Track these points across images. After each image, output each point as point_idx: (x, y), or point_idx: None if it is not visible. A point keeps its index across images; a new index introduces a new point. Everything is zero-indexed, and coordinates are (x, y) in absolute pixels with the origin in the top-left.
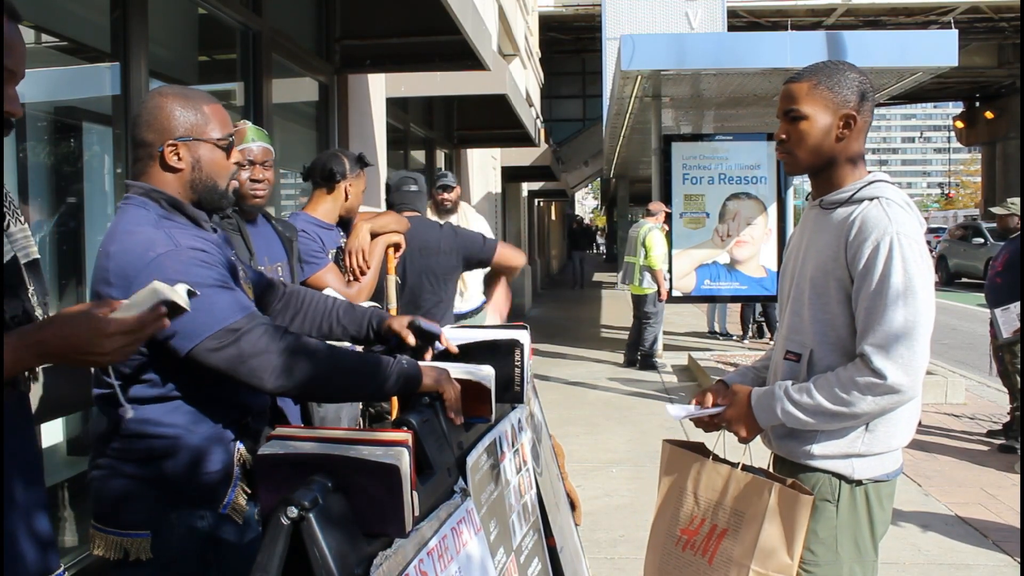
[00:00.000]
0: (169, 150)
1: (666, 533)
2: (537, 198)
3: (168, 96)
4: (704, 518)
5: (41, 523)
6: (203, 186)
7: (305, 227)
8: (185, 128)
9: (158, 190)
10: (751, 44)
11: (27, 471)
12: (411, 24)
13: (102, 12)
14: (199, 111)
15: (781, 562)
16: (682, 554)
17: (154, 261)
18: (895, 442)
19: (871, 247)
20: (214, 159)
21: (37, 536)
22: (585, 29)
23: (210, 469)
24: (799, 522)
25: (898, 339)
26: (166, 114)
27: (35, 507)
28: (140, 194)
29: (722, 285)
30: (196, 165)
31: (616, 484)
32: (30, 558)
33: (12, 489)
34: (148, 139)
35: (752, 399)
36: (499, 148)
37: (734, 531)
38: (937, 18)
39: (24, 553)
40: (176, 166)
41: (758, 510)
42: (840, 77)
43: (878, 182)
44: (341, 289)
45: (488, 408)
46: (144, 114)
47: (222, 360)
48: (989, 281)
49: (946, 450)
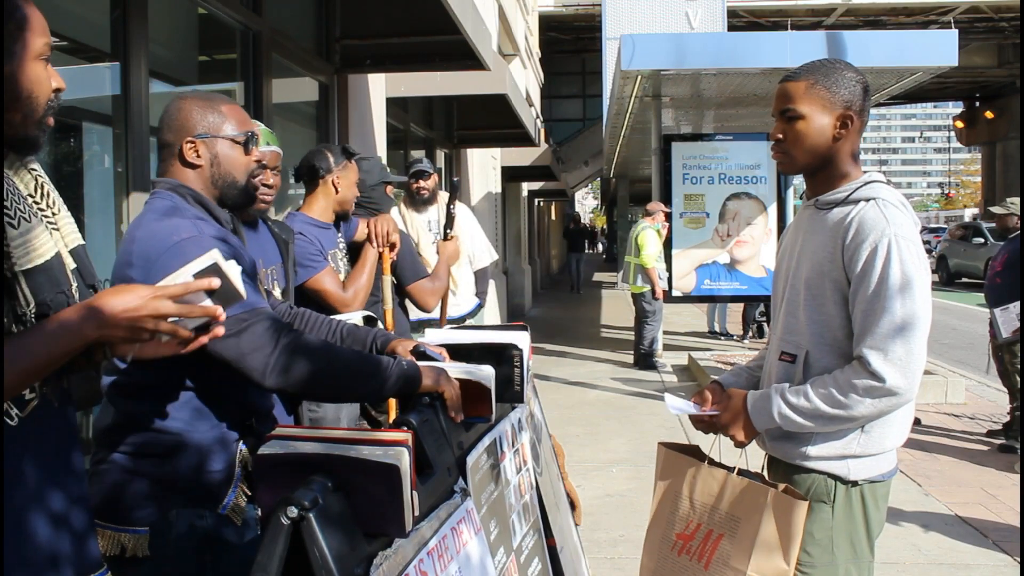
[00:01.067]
0: (188, 147)
1: (661, 537)
2: (537, 198)
3: (187, 99)
4: (700, 522)
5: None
6: (223, 181)
7: (303, 229)
8: (203, 126)
9: (184, 185)
10: (751, 44)
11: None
12: (411, 24)
13: (102, 12)
14: (216, 110)
15: (777, 567)
16: (677, 558)
17: (176, 245)
18: (890, 443)
19: (869, 249)
20: (232, 155)
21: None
22: (585, 29)
23: (212, 469)
24: (795, 527)
25: (896, 342)
26: (185, 114)
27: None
28: (167, 189)
29: (722, 285)
30: (214, 160)
31: (616, 484)
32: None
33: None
34: (169, 139)
35: (748, 402)
36: (499, 148)
37: (730, 535)
38: (937, 18)
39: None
40: (195, 162)
41: (754, 515)
42: (837, 76)
43: (874, 183)
44: (337, 292)
45: (488, 408)
46: (165, 117)
47: (225, 347)
48: (989, 281)
49: (946, 450)
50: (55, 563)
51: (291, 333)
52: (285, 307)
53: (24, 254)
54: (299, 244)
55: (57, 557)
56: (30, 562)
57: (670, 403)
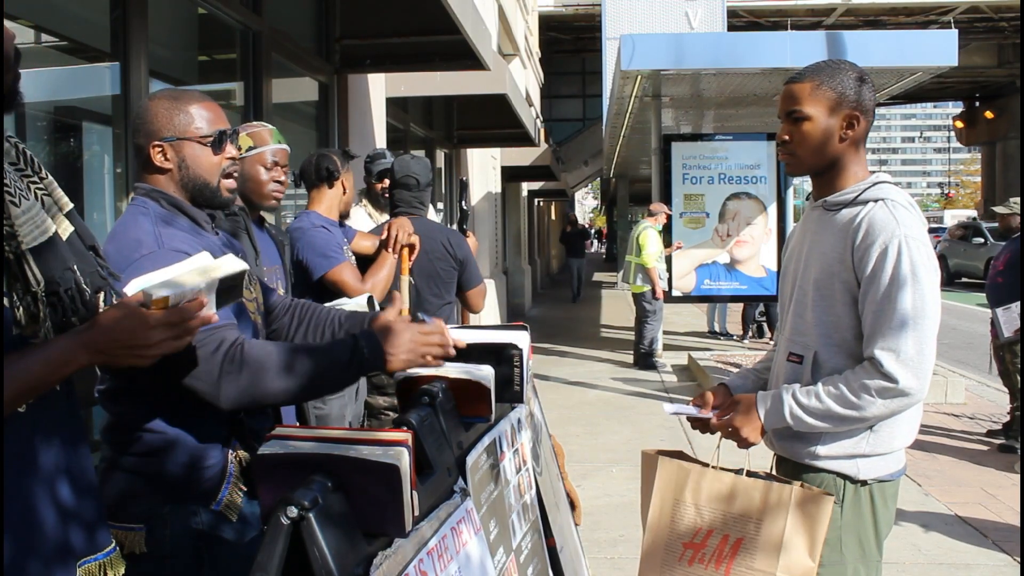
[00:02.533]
0: (155, 151)
1: (665, 548)
2: (537, 198)
3: (156, 99)
4: (711, 529)
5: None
6: (193, 184)
7: (323, 223)
8: (169, 129)
9: (158, 190)
10: (751, 44)
11: (82, 480)
12: (411, 24)
13: (102, 12)
14: (183, 111)
15: (805, 565)
16: (689, 568)
17: (136, 262)
18: (899, 442)
19: (879, 250)
20: (199, 156)
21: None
22: (585, 29)
23: (204, 465)
24: (821, 524)
25: (908, 342)
26: (151, 116)
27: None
28: (143, 195)
29: (722, 285)
30: (182, 164)
31: (616, 484)
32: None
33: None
34: (139, 143)
35: (758, 403)
36: (499, 148)
37: (751, 539)
38: (937, 18)
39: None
40: (163, 166)
41: (779, 514)
42: (842, 77)
43: (882, 183)
44: (356, 284)
45: (488, 407)
46: (135, 119)
47: (177, 374)
48: (990, 281)
49: (946, 450)
50: (65, 549)
51: (237, 353)
52: (287, 301)
53: (29, 232)
54: (322, 236)
55: (67, 542)
56: (38, 546)
57: (668, 408)
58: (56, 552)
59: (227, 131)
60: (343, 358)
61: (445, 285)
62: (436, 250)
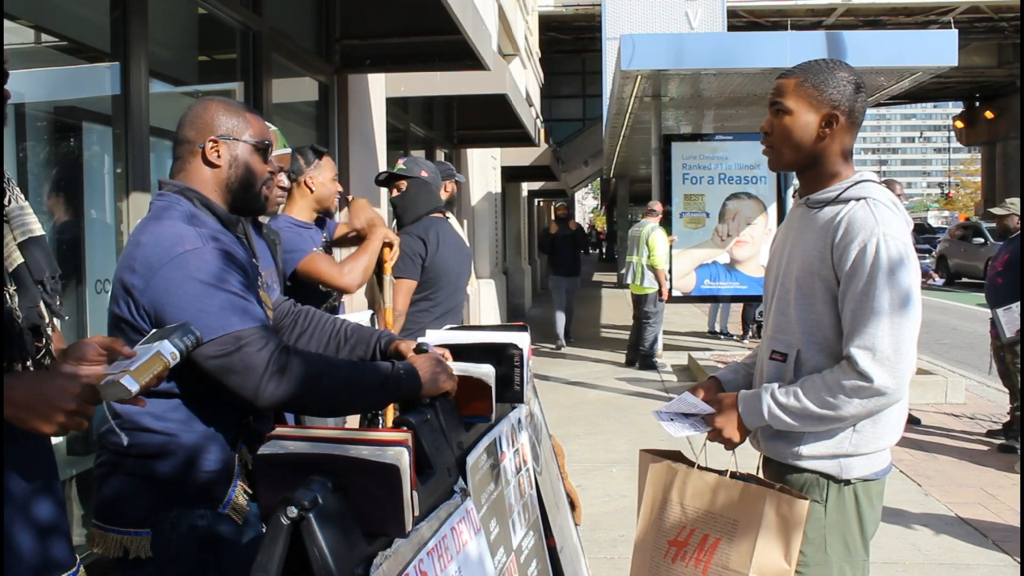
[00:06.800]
0: (210, 145)
1: (653, 545)
2: (537, 198)
3: (212, 101)
4: (693, 528)
5: (55, 519)
6: (238, 184)
7: (288, 225)
8: (226, 128)
9: (192, 189)
10: (751, 44)
11: (44, 472)
12: (411, 24)
13: (102, 12)
14: (240, 116)
15: (779, 567)
16: (672, 566)
17: (180, 256)
18: (883, 442)
19: (858, 248)
20: (251, 160)
21: (49, 531)
22: (585, 29)
23: (207, 468)
24: (796, 528)
25: (884, 341)
26: (210, 115)
27: (50, 505)
28: (174, 191)
29: (722, 285)
30: (233, 163)
31: (616, 484)
32: (40, 554)
33: (28, 489)
34: (190, 136)
35: (739, 402)
36: (499, 148)
37: (728, 539)
38: (937, 18)
39: (29, 549)
40: (215, 162)
41: (754, 516)
42: (828, 76)
43: (864, 182)
44: (330, 271)
45: (488, 407)
46: (188, 115)
47: (216, 367)
48: (989, 281)
49: (946, 450)
50: (31, 560)
51: (284, 355)
52: (289, 305)
53: (20, 224)
54: (287, 235)
55: (30, 555)
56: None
57: (671, 431)
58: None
59: (270, 144)
60: (383, 382)
61: None
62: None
